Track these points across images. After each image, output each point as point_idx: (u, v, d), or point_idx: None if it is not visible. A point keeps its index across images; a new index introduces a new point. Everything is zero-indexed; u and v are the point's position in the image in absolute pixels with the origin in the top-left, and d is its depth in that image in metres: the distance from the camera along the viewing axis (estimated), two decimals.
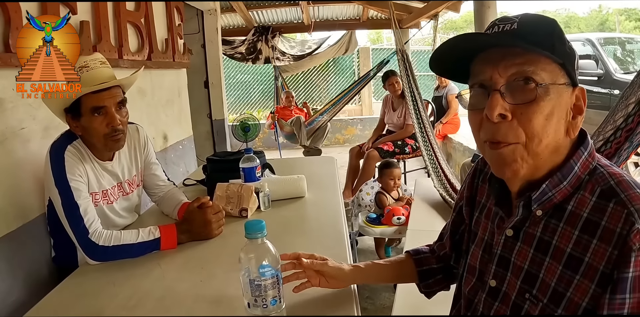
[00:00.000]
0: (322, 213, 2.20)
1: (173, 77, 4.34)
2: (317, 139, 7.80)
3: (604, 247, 0.87)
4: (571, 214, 0.94)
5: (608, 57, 6.58)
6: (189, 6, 5.44)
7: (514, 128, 0.94)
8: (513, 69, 0.93)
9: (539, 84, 0.92)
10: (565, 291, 0.91)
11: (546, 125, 0.93)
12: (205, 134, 6.15)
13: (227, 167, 2.47)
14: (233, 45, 9.39)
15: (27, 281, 2.00)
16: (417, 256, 1.42)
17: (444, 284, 1.41)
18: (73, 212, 1.76)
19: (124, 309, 1.38)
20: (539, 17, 0.98)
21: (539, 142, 0.93)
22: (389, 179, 4.00)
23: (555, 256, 0.94)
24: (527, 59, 0.92)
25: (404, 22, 8.79)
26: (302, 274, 1.34)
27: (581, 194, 0.94)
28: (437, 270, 1.39)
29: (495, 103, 0.93)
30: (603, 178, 0.93)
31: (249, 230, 1.15)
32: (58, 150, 1.82)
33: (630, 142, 2.00)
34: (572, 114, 0.96)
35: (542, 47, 0.90)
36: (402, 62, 4.64)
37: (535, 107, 0.92)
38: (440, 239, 1.43)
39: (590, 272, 0.88)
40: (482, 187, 1.21)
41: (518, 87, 0.93)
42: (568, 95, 0.95)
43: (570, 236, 0.93)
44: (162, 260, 1.73)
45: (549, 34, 0.94)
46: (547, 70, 0.92)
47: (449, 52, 1.02)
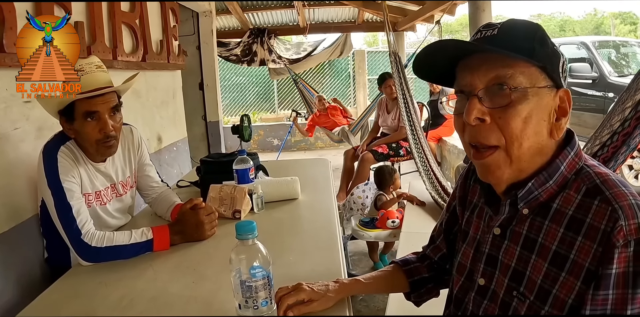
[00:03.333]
0: (315, 215, 2.20)
1: (168, 79, 4.34)
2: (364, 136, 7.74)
3: (589, 244, 0.88)
4: (556, 211, 0.96)
5: (603, 60, 6.61)
6: (184, 7, 5.44)
7: (494, 131, 0.96)
8: (492, 73, 0.95)
9: (514, 88, 0.93)
10: (551, 288, 0.92)
11: (525, 128, 0.94)
12: (200, 135, 6.14)
13: (220, 169, 2.47)
14: (228, 47, 9.39)
15: (20, 282, 2.00)
16: (407, 267, 1.40)
17: (434, 292, 1.41)
18: (66, 213, 1.76)
19: (116, 310, 1.38)
20: (522, 22, 1.00)
21: (519, 145, 0.95)
22: (392, 189, 4.00)
23: (541, 254, 0.96)
24: (505, 64, 0.94)
25: (399, 25, 8.81)
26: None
27: (567, 193, 0.96)
28: (429, 279, 1.39)
29: (472, 107, 0.96)
30: (589, 177, 0.95)
31: (239, 231, 1.15)
32: (51, 151, 1.82)
33: (627, 145, 2.00)
34: (555, 116, 0.97)
35: (521, 51, 0.92)
36: (395, 64, 4.64)
37: (512, 110, 0.94)
38: (432, 242, 1.42)
39: (575, 269, 0.89)
40: (475, 187, 1.22)
41: (495, 92, 0.95)
42: (550, 97, 0.96)
43: (555, 233, 0.94)
44: (155, 261, 1.73)
45: (529, 38, 0.96)
46: (526, 73, 0.94)
47: (431, 60, 1.05)
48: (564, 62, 0.99)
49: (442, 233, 1.37)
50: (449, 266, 1.36)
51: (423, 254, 1.45)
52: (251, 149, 9.57)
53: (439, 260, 1.39)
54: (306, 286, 1.28)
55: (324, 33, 10.21)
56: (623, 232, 0.85)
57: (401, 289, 1.41)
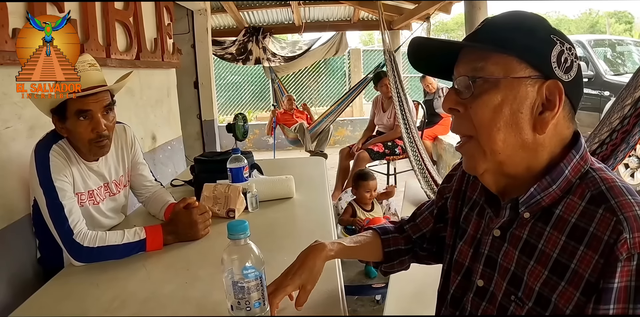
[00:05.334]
0: (310, 214, 2.20)
1: (162, 77, 4.32)
2: (321, 143, 7.76)
3: (591, 255, 0.86)
4: (559, 218, 0.93)
5: (598, 59, 6.62)
6: (179, 6, 5.42)
7: (466, 120, 0.97)
8: (468, 66, 0.97)
9: (481, 77, 0.94)
10: (549, 296, 0.90)
11: (494, 118, 0.93)
12: (195, 134, 6.12)
13: (214, 168, 2.45)
14: (223, 45, 9.38)
15: (12, 283, 1.98)
16: (385, 236, 1.40)
17: (406, 264, 1.42)
18: (58, 213, 1.74)
19: (108, 311, 1.37)
20: (511, 14, 1.00)
21: (489, 135, 0.95)
22: (365, 192, 3.82)
23: (540, 260, 0.93)
24: (478, 56, 0.95)
25: (395, 23, 8.80)
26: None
27: (570, 198, 0.93)
28: (404, 251, 1.39)
29: (446, 98, 1.00)
30: (594, 183, 0.92)
31: (231, 230, 1.14)
32: (43, 150, 1.80)
33: (626, 143, 2.00)
34: (540, 109, 0.93)
35: (496, 42, 0.92)
36: (389, 63, 4.64)
37: (479, 100, 0.94)
38: (412, 219, 1.42)
39: (575, 279, 0.87)
40: (475, 183, 1.19)
41: (465, 82, 0.96)
42: (531, 88, 0.93)
43: (557, 241, 0.91)
44: (148, 261, 1.72)
45: (512, 28, 0.95)
46: (501, 64, 0.93)
47: (426, 56, 1.07)
48: (563, 51, 0.93)
49: (428, 215, 1.37)
50: (425, 245, 1.37)
51: (402, 226, 1.44)
52: (246, 147, 9.55)
53: (417, 239, 1.39)
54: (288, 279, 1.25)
55: (320, 32, 10.23)
56: (627, 245, 0.82)
57: (375, 257, 1.41)
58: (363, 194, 3.82)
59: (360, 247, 1.38)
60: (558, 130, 0.95)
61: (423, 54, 1.07)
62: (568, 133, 0.98)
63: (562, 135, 0.97)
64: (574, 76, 0.94)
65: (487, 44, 0.94)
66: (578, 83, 0.96)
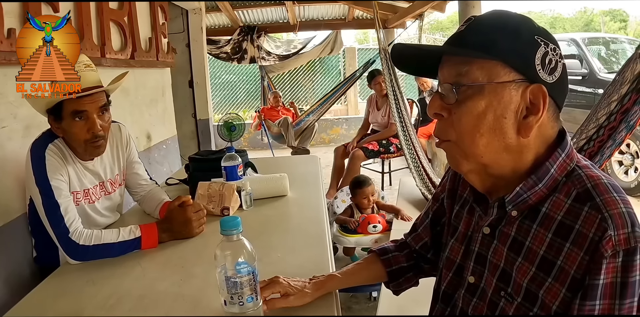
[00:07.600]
0: (304, 212, 2.21)
1: (157, 76, 4.32)
2: (304, 140, 7.80)
3: (577, 252, 0.87)
4: (545, 216, 0.94)
5: (592, 57, 6.62)
6: (173, 5, 5.42)
7: (449, 126, 0.97)
8: (452, 70, 0.95)
9: (465, 84, 0.93)
10: (537, 292, 0.92)
11: (478, 124, 0.93)
12: (190, 133, 6.11)
13: (209, 166, 2.47)
14: (218, 44, 9.38)
15: (9, 281, 1.99)
16: (385, 256, 1.40)
17: (413, 281, 1.41)
18: (54, 212, 1.75)
19: (103, 308, 1.38)
20: (495, 14, 0.98)
21: (471, 141, 0.95)
22: (362, 198, 3.78)
23: (527, 257, 0.95)
24: (462, 60, 0.94)
25: (389, 22, 8.81)
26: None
27: (556, 196, 0.94)
28: (407, 268, 1.39)
29: (431, 103, 0.99)
30: (580, 180, 0.92)
31: (224, 226, 1.15)
32: (39, 149, 1.81)
33: (613, 140, 2.01)
34: (524, 114, 0.93)
35: (481, 45, 0.91)
36: (385, 61, 4.65)
37: (462, 107, 0.94)
38: (414, 230, 1.41)
39: (562, 276, 0.88)
40: (465, 182, 1.18)
41: (449, 89, 0.95)
42: (515, 93, 0.92)
43: (543, 238, 0.93)
44: (143, 259, 1.73)
45: (496, 30, 0.93)
46: (485, 68, 0.92)
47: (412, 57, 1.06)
48: (547, 52, 0.92)
49: (428, 222, 1.35)
50: (430, 255, 1.36)
51: (403, 242, 1.44)
52: (242, 146, 9.54)
53: (420, 249, 1.37)
54: (282, 280, 1.29)
55: (314, 30, 10.24)
56: (612, 242, 0.83)
57: (380, 279, 1.41)
58: (361, 200, 3.79)
59: (359, 274, 1.40)
60: (543, 131, 0.96)
61: (408, 58, 1.07)
62: (553, 132, 0.98)
63: (547, 135, 0.97)
64: (558, 76, 0.94)
65: (472, 47, 0.92)
66: (563, 83, 0.96)
